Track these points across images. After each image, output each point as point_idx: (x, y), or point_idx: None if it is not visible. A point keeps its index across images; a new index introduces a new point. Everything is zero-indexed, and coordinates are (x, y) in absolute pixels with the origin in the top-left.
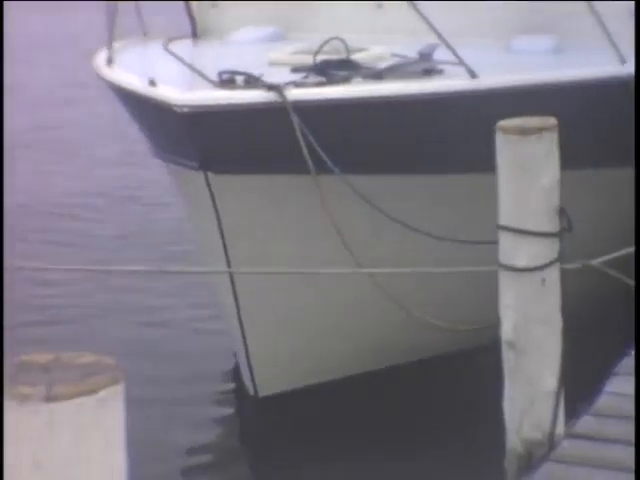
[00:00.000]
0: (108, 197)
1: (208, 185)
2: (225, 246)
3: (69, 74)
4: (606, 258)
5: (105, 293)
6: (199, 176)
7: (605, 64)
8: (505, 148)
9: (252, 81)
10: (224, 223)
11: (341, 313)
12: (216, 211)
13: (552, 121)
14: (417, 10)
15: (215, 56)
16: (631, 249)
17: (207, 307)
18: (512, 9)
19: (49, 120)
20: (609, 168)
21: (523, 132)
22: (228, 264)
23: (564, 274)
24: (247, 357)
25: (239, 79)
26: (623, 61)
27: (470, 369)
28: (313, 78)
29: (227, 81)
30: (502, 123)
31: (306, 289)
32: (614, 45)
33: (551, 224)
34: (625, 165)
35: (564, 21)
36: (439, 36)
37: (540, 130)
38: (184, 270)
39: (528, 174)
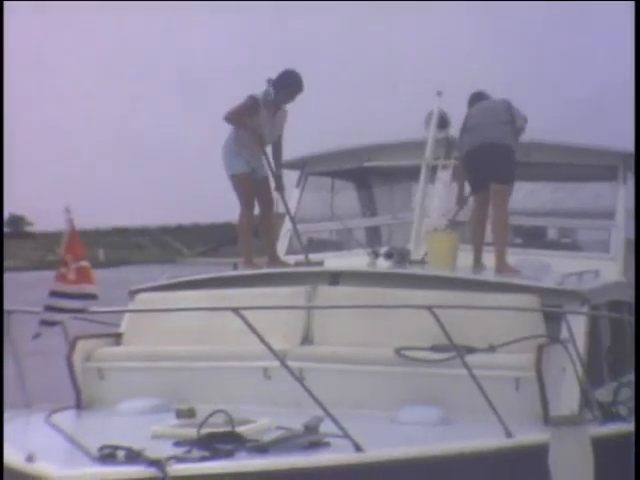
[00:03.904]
0: None
1: None
2: None
3: None
4: None
5: None
6: None
7: (491, 436)
8: None
9: (133, 455)
10: None
11: None
12: None
13: None
14: (302, 384)
15: (99, 428)
16: None
17: None
18: (397, 379)
19: None
20: None
21: None
22: None
23: None
24: None
25: (120, 453)
26: (509, 434)
27: None
28: (196, 452)
29: (107, 455)
30: None
31: None
32: (500, 418)
33: None
34: None
35: (450, 391)
36: (324, 409)
37: None
38: None
39: None
